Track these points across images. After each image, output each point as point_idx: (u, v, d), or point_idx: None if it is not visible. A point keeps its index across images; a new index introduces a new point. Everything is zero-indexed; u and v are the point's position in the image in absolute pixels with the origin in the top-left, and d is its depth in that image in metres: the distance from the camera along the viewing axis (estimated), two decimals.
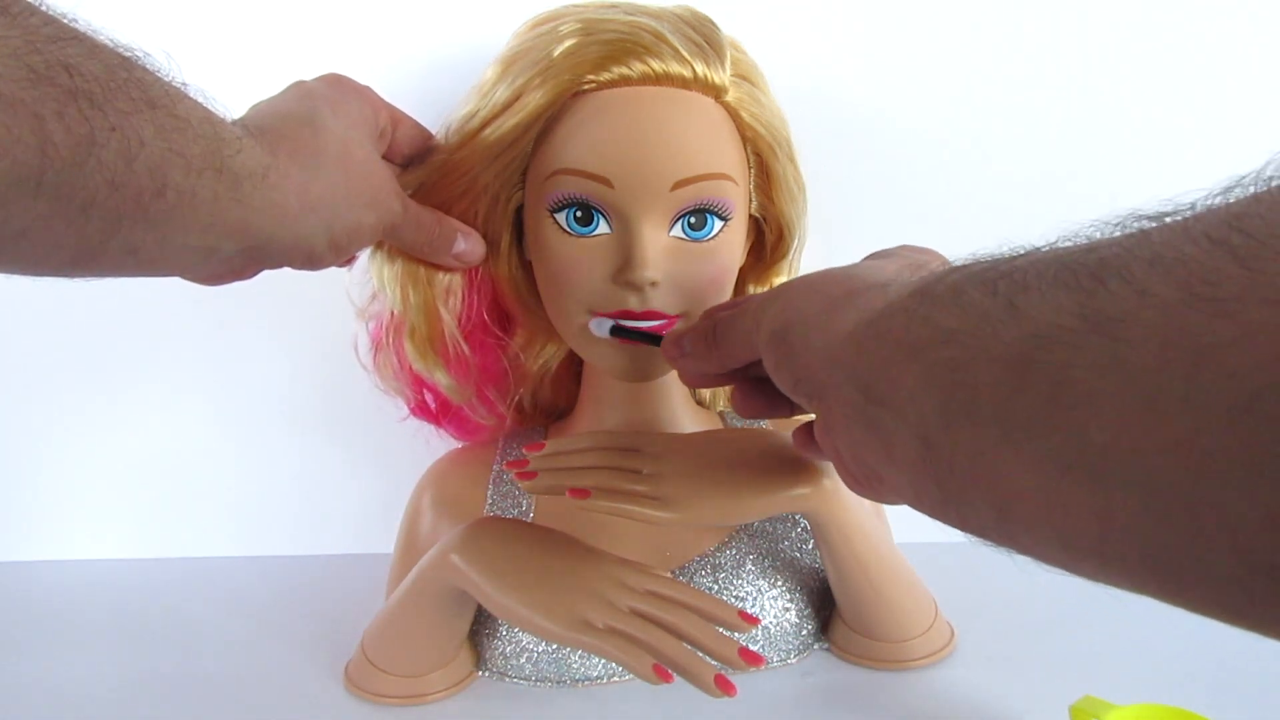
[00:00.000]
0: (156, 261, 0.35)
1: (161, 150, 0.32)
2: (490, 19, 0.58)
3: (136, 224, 0.32)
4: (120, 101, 0.30)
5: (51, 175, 0.28)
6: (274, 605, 0.65)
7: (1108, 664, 0.55)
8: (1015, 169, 0.68)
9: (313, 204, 0.39)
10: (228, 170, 0.35)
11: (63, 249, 0.31)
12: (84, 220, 0.30)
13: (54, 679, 0.56)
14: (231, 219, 0.35)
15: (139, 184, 0.31)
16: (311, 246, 0.41)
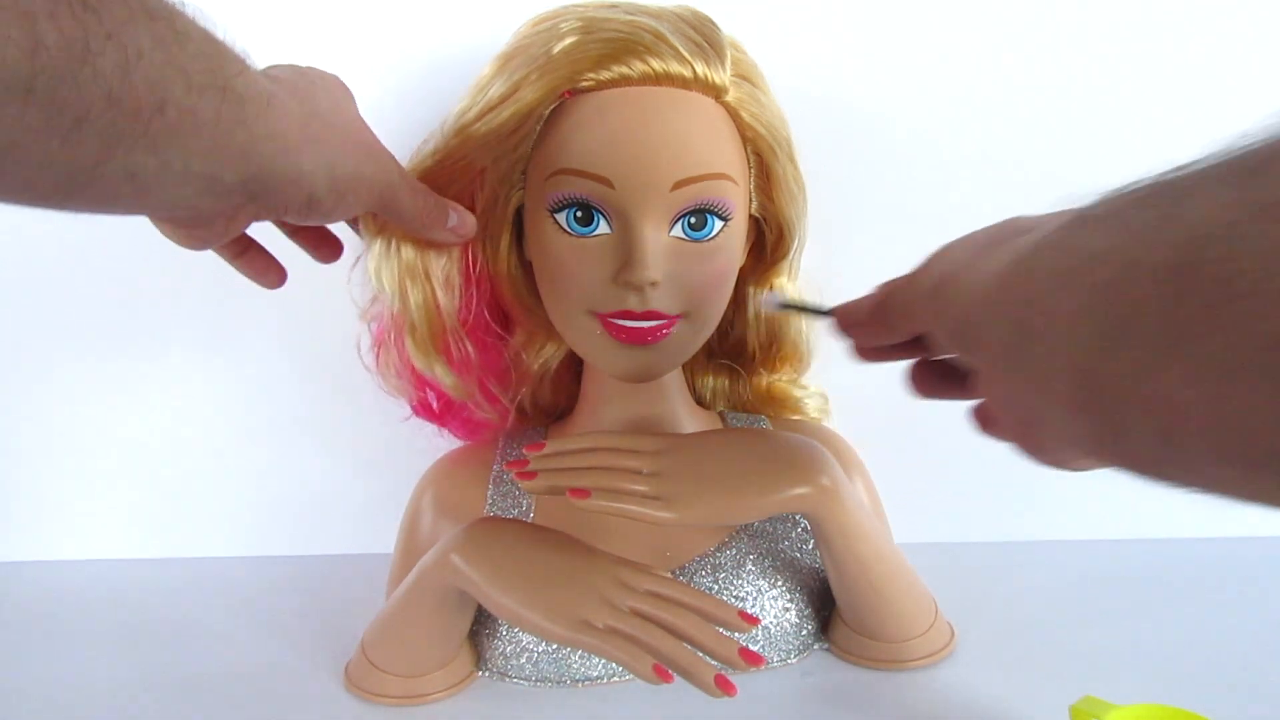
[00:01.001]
0: (153, 190, 0.32)
1: (161, 63, 0.30)
2: (491, 19, 0.58)
3: (136, 144, 0.30)
4: (116, 8, 0.28)
5: (43, 81, 0.26)
6: (274, 605, 0.65)
7: (1108, 664, 0.55)
8: (1015, 168, 0.68)
9: (313, 137, 0.38)
10: (231, 90, 0.33)
11: (53, 168, 0.29)
12: (78, 136, 0.28)
13: (54, 679, 0.56)
14: (235, 142, 0.34)
15: (137, 98, 0.29)
16: (313, 185, 0.39)
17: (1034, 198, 0.73)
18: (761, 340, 0.61)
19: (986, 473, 0.73)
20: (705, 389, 0.64)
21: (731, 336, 0.62)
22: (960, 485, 0.73)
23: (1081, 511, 0.73)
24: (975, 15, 0.66)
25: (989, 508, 0.73)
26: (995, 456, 0.73)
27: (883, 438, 0.68)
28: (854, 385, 0.69)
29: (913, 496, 0.68)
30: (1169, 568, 0.68)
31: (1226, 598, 0.63)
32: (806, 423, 0.64)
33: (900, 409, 0.72)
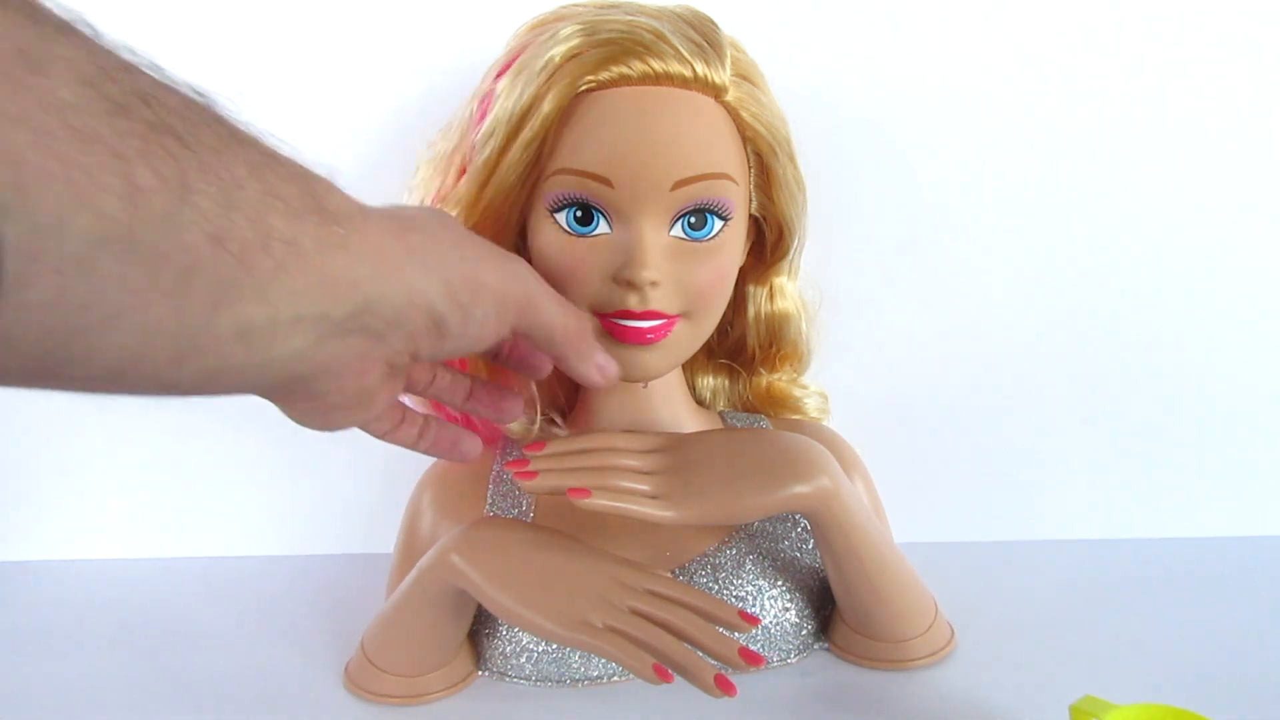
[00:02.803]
0: (268, 347, 0.28)
1: (259, 192, 0.27)
2: (491, 18, 0.58)
3: (245, 291, 0.26)
4: (206, 136, 0.26)
5: (143, 230, 0.23)
6: (274, 605, 0.65)
7: (1108, 664, 0.55)
8: (1015, 168, 0.68)
9: (415, 248, 0.33)
10: (326, 211, 0.29)
11: (162, 335, 0.25)
12: (185, 291, 0.25)
13: (54, 679, 0.56)
14: (338, 270, 0.30)
15: (241, 236, 0.26)
16: (430, 302, 0.33)
17: (1034, 196, 0.73)
18: (761, 340, 0.61)
19: (986, 473, 0.73)
20: (705, 389, 0.65)
21: (731, 336, 0.62)
22: (960, 485, 0.73)
23: (1081, 511, 0.73)
24: (975, 15, 0.66)
25: (989, 508, 0.73)
26: (995, 456, 0.73)
27: (883, 438, 0.68)
28: (854, 385, 0.70)
29: (913, 496, 0.68)
30: (1169, 568, 0.68)
31: (1226, 598, 0.63)
32: (806, 423, 0.64)
33: (900, 409, 0.72)
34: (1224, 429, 0.72)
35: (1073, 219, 0.69)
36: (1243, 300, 0.71)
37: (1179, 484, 0.73)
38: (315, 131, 0.66)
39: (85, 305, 0.23)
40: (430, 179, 0.55)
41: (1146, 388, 0.72)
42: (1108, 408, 0.72)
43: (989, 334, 0.71)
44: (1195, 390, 0.72)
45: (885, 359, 0.71)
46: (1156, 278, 0.70)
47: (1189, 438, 0.73)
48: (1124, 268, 0.70)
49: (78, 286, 0.23)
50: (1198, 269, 0.70)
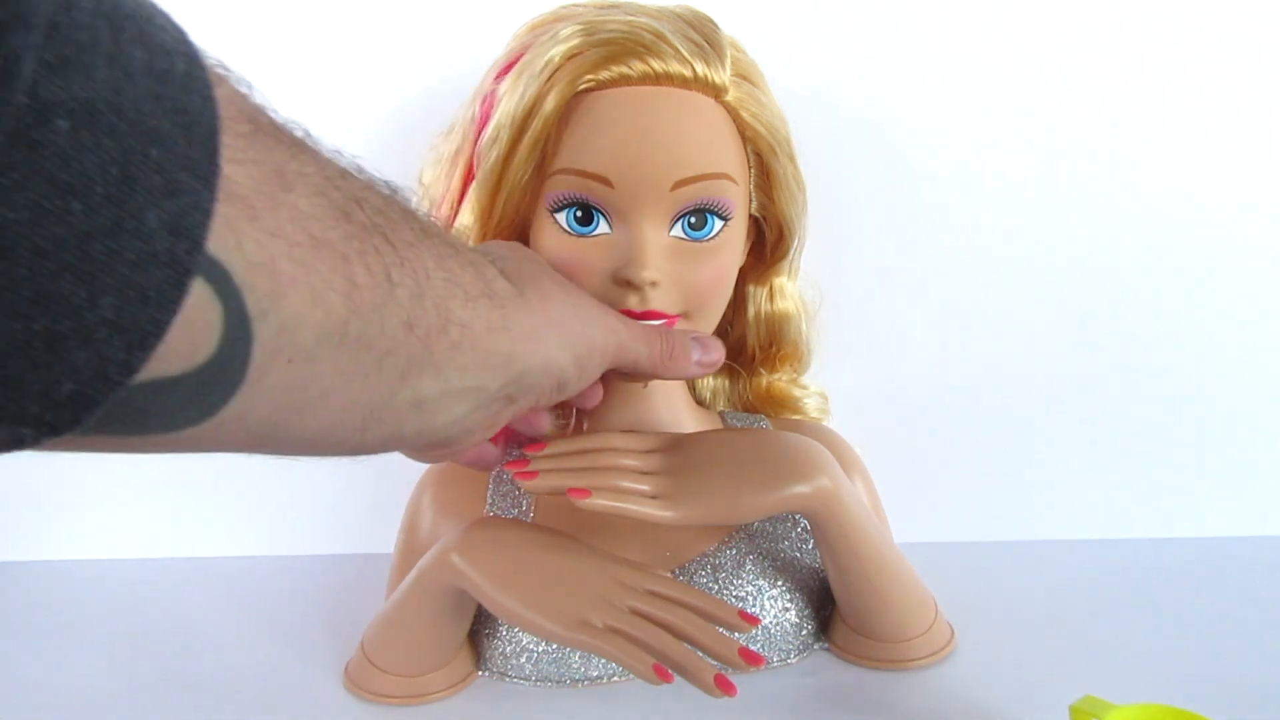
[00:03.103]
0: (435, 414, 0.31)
1: (443, 281, 0.30)
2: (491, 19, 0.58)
3: (424, 369, 0.29)
4: (404, 233, 0.28)
5: (356, 323, 0.26)
6: (274, 605, 0.65)
7: (1108, 664, 0.55)
8: (1015, 168, 0.68)
9: (551, 321, 0.37)
10: (496, 296, 0.33)
11: (355, 411, 0.28)
12: (378, 372, 0.27)
13: (54, 679, 0.56)
14: (500, 349, 0.33)
15: (428, 322, 0.29)
16: (561, 368, 0.37)
17: (1033, 196, 0.73)
18: (761, 340, 0.61)
19: (986, 473, 0.73)
20: (705, 389, 0.64)
21: (731, 336, 0.62)
22: (960, 485, 0.73)
23: (1081, 511, 0.73)
24: (975, 15, 0.66)
25: (989, 508, 0.73)
26: (995, 456, 0.73)
27: (883, 438, 0.68)
28: (854, 385, 0.69)
29: (913, 496, 0.68)
30: (1169, 568, 0.68)
31: (1226, 598, 0.63)
32: (806, 423, 0.64)
33: (900, 409, 0.72)
34: (1224, 429, 0.72)
35: (1072, 219, 0.69)
36: (1243, 300, 0.71)
37: (1179, 484, 0.73)
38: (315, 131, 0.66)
39: (305, 387, 0.26)
40: (435, 182, 0.55)
41: (1146, 388, 0.72)
42: (1108, 408, 0.72)
43: (989, 334, 0.71)
44: (1195, 390, 0.72)
45: (885, 359, 0.71)
46: (1157, 278, 0.70)
47: (1189, 438, 0.73)
48: (1124, 268, 0.70)
49: (303, 372, 0.25)
50: (1198, 269, 0.70)
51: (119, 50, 0.19)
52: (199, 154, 0.20)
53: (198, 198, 0.20)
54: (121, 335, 0.19)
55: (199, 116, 0.20)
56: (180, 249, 0.19)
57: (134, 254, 0.19)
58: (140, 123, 0.19)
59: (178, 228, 0.19)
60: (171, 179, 0.19)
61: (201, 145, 0.20)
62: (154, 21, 0.20)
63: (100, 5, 0.18)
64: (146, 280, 0.19)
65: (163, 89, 0.19)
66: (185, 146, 0.20)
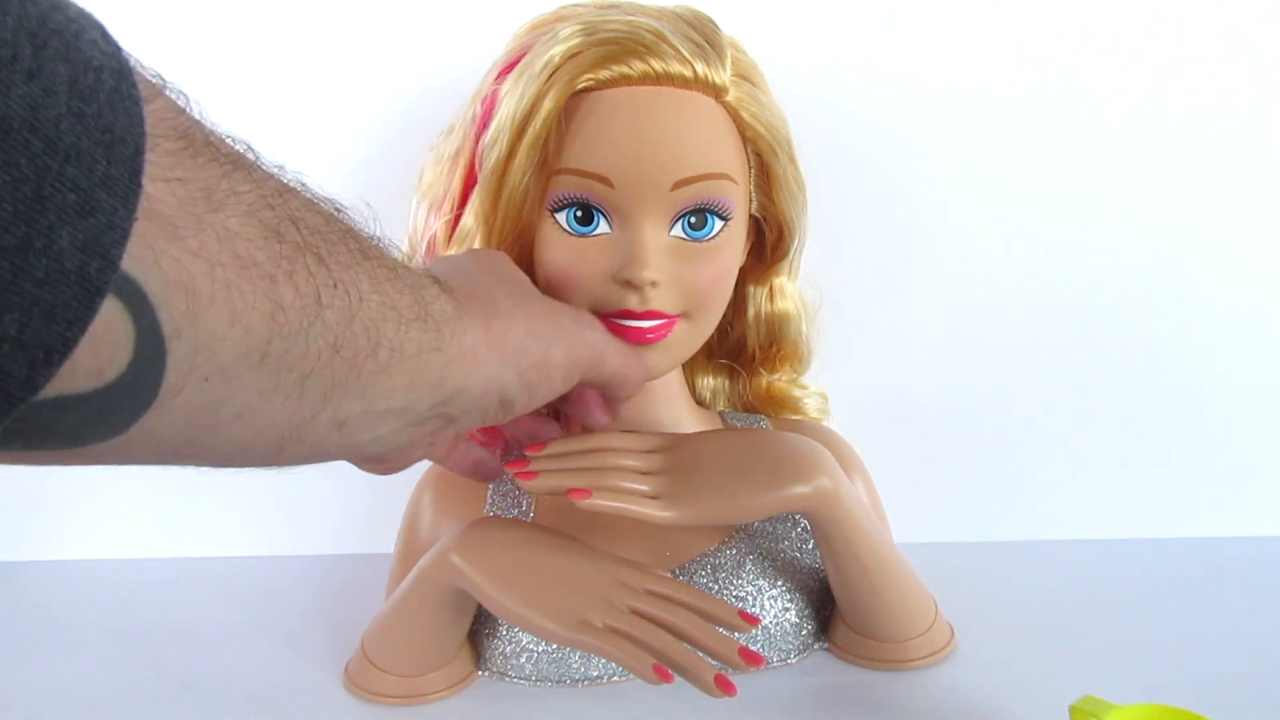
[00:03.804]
0: (357, 434, 0.31)
1: (377, 304, 0.29)
2: (491, 19, 0.58)
3: (348, 391, 0.29)
4: (340, 254, 0.28)
5: (278, 343, 0.25)
6: (274, 605, 0.65)
7: (1108, 664, 0.55)
8: (1016, 168, 0.68)
9: (495, 340, 0.36)
10: (431, 319, 0.32)
11: (273, 429, 0.28)
12: (300, 392, 0.27)
13: (54, 679, 0.56)
14: (431, 371, 0.33)
15: (356, 344, 0.28)
16: (503, 388, 0.37)
17: (1033, 195, 0.73)
18: (761, 340, 0.61)
19: (986, 473, 0.73)
20: (705, 389, 0.64)
21: (731, 336, 0.62)
22: (960, 485, 0.73)
23: (1081, 511, 0.73)
24: (975, 15, 0.66)
25: (989, 508, 0.73)
26: (995, 456, 0.73)
27: (883, 438, 0.68)
28: (854, 385, 0.69)
29: (913, 496, 0.68)
30: (1169, 568, 0.68)
31: (1226, 598, 0.63)
32: (806, 423, 0.64)
33: (900, 409, 0.72)
34: (1224, 429, 0.72)
35: (1072, 219, 0.69)
36: (1243, 300, 0.71)
37: (1179, 484, 0.73)
38: (316, 131, 0.66)
39: (219, 406, 0.25)
40: (436, 182, 0.55)
41: (1147, 388, 0.72)
42: (1108, 408, 0.72)
43: (989, 334, 0.71)
44: (1195, 390, 0.72)
45: (885, 359, 0.71)
46: (1157, 278, 0.70)
47: (1189, 438, 0.73)
48: (1124, 268, 0.70)
49: (218, 392, 0.25)
50: (1198, 269, 0.70)
51: (39, 67, 0.19)
52: (120, 172, 0.20)
53: (114, 217, 0.20)
54: (25, 352, 0.19)
55: (123, 134, 0.20)
56: (92, 268, 0.19)
57: (42, 272, 0.18)
58: (58, 140, 0.19)
59: (90, 246, 0.19)
60: (87, 197, 0.19)
61: (123, 164, 0.20)
62: (84, 36, 0.20)
63: (23, 22, 0.18)
64: (54, 298, 0.19)
65: (86, 106, 0.19)
66: (105, 165, 0.20)
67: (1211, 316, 0.71)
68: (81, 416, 0.22)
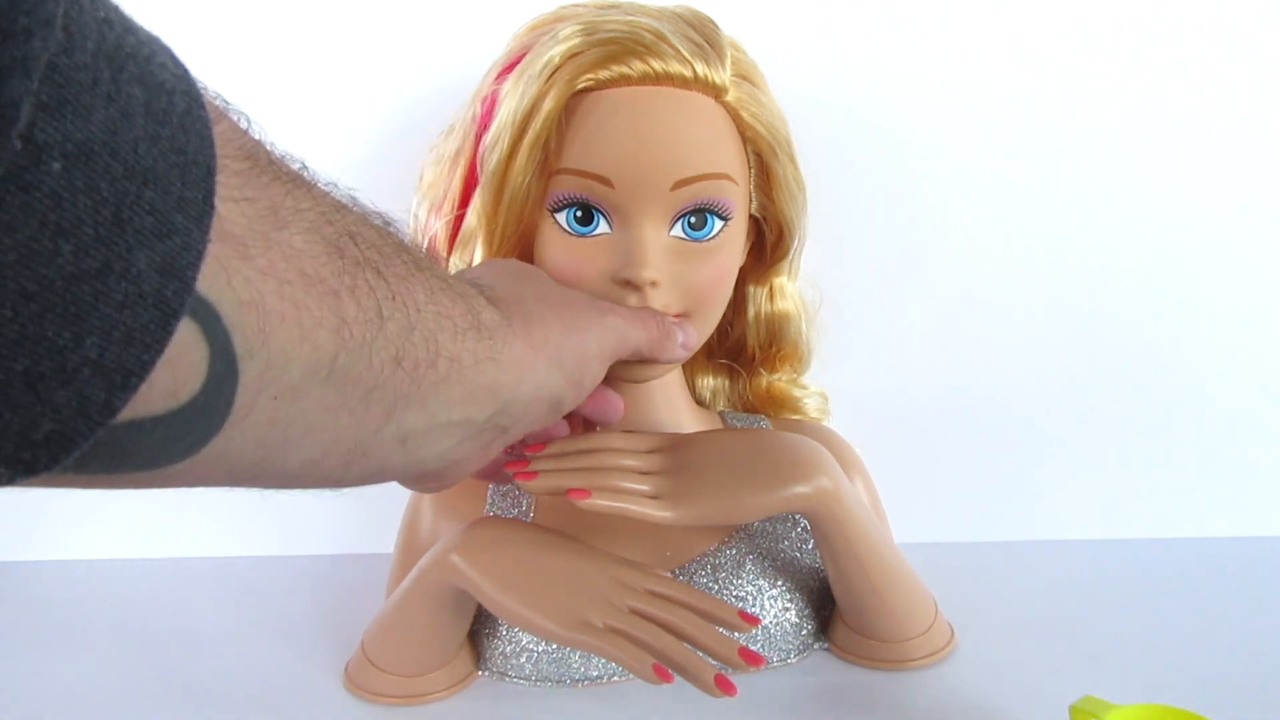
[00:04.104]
0: (421, 448, 0.32)
1: (433, 315, 0.30)
2: (491, 19, 0.58)
3: (410, 404, 0.29)
4: (396, 267, 0.28)
5: (344, 358, 0.26)
6: (274, 605, 0.65)
7: (1108, 664, 0.55)
8: (1016, 168, 0.68)
9: (538, 344, 0.36)
10: (484, 327, 0.33)
11: (340, 446, 0.28)
12: (365, 407, 0.27)
13: (54, 679, 0.56)
14: (486, 380, 0.33)
15: (416, 355, 0.29)
16: (551, 390, 0.37)
17: (1033, 195, 0.73)
18: (761, 340, 0.61)
19: (986, 473, 0.73)
20: (705, 389, 0.64)
21: (731, 336, 0.62)
22: (960, 485, 0.73)
23: (1081, 511, 0.73)
24: (975, 15, 0.66)
25: (989, 508, 0.73)
26: (995, 456, 0.73)
27: (883, 438, 0.68)
28: (854, 385, 0.69)
29: (913, 496, 0.68)
30: (1169, 568, 0.68)
31: (1226, 598, 0.63)
32: (806, 423, 0.64)
33: (900, 409, 0.72)
34: (1224, 429, 0.72)
35: (1073, 219, 0.69)
36: (1243, 300, 0.71)
37: (1179, 484, 0.73)
38: (316, 131, 0.66)
39: (288, 424, 0.25)
40: (436, 182, 0.55)
41: (1147, 388, 0.72)
42: (1108, 408, 0.72)
43: (989, 334, 0.71)
44: (1195, 390, 0.72)
45: (885, 359, 0.71)
46: (1157, 278, 0.70)
47: (1189, 438, 0.73)
48: (1124, 267, 0.70)
49: (289, 409, 0.25)
50: (1198, 269, 0.70)
51: (118, 91, 0.19)
52: (194, 194, 0.20)
53: (189, 238, 0.20)
54: (104, 376, 0.19)
55: (196, 156, 0.20)
56: (169, 290, 0.19)
57: (121, 295, 0.18)
58: (136, 164, 0.19)
59: (168, 269, 0.19)
60: (164, 220, 0.19)
61: (197, 185, 0.20)
62: (155, 60, 0.20)
63: (101, 46, 0.18)
64: (133, 321, 0.19)
65: (161, 129, 0.19)
66: (180, 187, 0.20)
67: (1211, 317, 0.71)
68: (157, 438, 0.22)
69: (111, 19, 0.19)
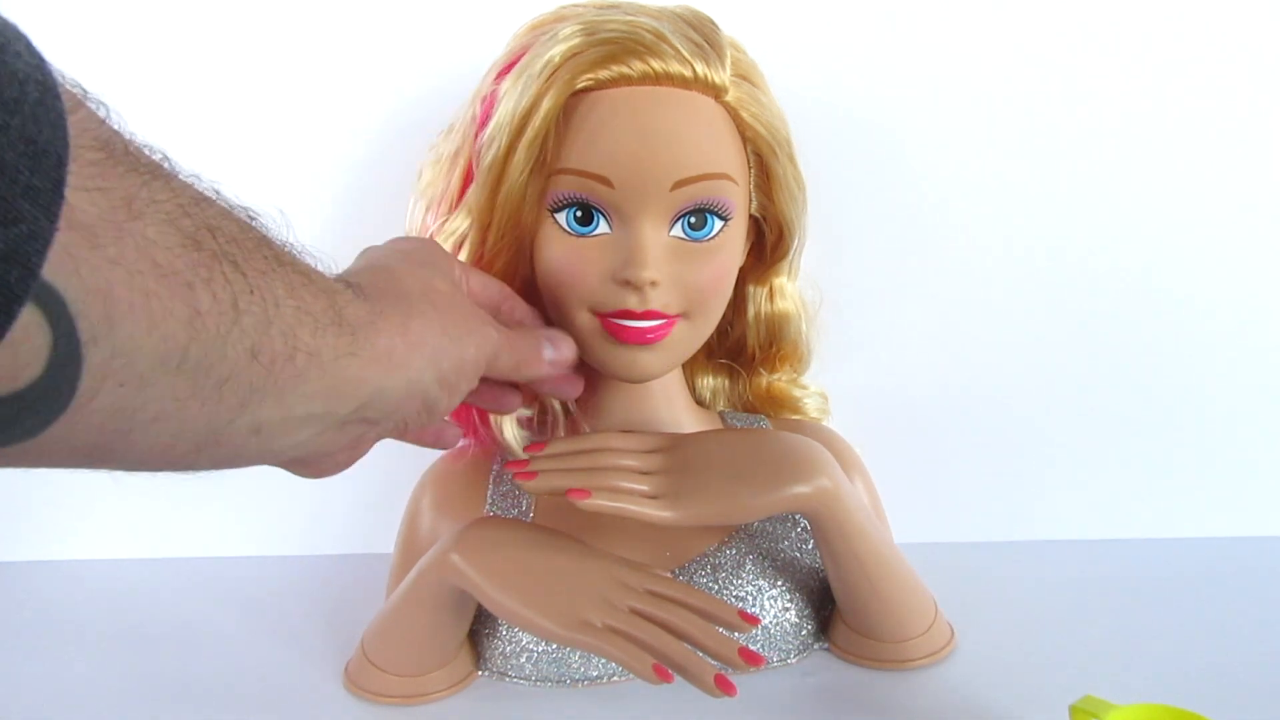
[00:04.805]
0: (275, 439, 0.32)
1: (293, 310, 0.30)
2: (491, 19, 0.58)
3: (266, 396, 0.29)
4: (256, 261, 0.28)
5: (196, 349, 0.26)
6: (274, 605, 0.65)
7: (1108, 664, 0.55)
8: (1016, 168, 0.68)
9: (414, 342, 0.36)
10: (346, 323, 0.32)
11: (189, 434, 0.28)
12: (218, 398, 0.27)
13: (54, 679, 0.56)
14: (348, 375, 0.33)
15: (274, 349, 0.29)
16: (424, 390, 0.37)
17: (1032, 195, 0.73)
18: (761, 340, 0.61)
19: (986, 473, 0.73)
20: (705, 389, 0.64)
21: (731, 336, 0.62)
22: (960, 485, 0.73)
23: (1081, 511, 0.73)
24: (975, 15, 0.66)
25: (989, 508, 0.73)
26: (995, 456, 0.73)
27: (883, 438, 0.68)
28: (854, 385, 0.69)
29: (913, 496, 0.68)
30: (1169, 568, 0.68)
31: (1226, 598, 0.63)
32: (806, 423, 0.64)
33: (900, 409, 0.72)
34: (1224, 429, 0.72)
35: (1073, 219, 0.69)
36: (1243, 300, 0.71)
37: (1179, 484, 0.73)
38: (316, 131, 0.66)
39: (134, 411, 0.25)
40: (434, 182, 0.55)
41: (1147, 388, 0.72)
42: (1108, 408, 0.72)
43: (989, 334, 0.71)
44: (1195, 390, 0.72)
45: (885, 359, 0.71)
46: (1157, 278, 0.70)
47: (1189, 438, 0.73)
48: (1124, 268, 0.70)
49: (134, 397, 0.25)
50: (1198, 269, 0.70)
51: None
52: (43, 183, 0.20)
53: (36, 226, 0.20)
54: None
55: (46, 146, 0.21)
56: (12, 276, 0.20)
57: None
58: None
59: (11, 255, 0.20)
60: (10, 207, 0.19)
61: (46, 174, 0.20)
62: (9, 49, 0.20)
63: None
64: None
65: (9, 119, 0.20)
66: (29, 175, 0.20)
67: (1211, 317, 0.71)
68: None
69: None
